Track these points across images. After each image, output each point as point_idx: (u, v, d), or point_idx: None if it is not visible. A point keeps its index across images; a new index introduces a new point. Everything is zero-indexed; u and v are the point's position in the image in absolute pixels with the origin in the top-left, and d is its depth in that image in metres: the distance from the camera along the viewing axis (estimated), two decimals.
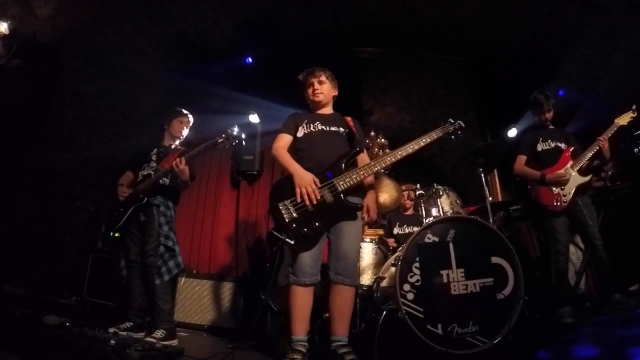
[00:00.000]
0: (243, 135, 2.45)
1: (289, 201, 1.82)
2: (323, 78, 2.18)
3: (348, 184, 1.85)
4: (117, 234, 2.59)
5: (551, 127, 2.98)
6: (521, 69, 4.42)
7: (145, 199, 2.46)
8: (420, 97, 5.17)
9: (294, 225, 1.78)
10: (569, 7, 3.67)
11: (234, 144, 2.44)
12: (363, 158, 2.07)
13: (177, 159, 2.37)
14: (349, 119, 2.17)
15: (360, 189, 1.99)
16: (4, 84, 2.79)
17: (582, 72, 4.13)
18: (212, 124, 4.30)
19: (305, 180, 1.83)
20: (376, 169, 1.92)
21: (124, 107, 4.07)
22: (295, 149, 2.07)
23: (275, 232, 1.81)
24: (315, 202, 1.80)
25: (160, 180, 2.50)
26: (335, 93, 2.25)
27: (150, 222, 2.45)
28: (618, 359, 1.52)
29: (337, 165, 1.91)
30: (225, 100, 4.29)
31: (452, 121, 2.19)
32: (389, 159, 1.94)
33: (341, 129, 2.11)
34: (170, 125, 2.79)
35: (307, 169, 1.91)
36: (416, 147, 2.00)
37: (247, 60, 4.15)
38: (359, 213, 1.93)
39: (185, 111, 2.85)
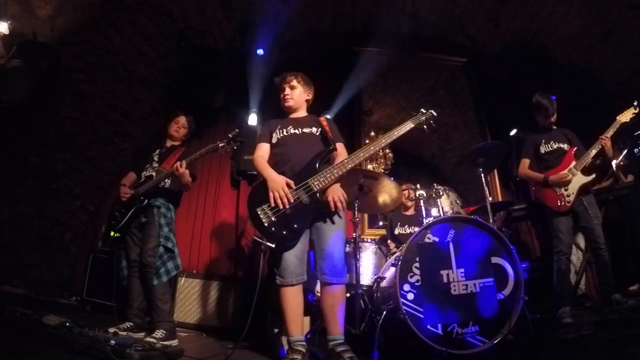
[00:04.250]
0: (243, 139, 2.46)
1: (266, 205, 1.83)
2: (294, 83, 2.19)
3: (323, 183, 1.86)
4: (117, 234, 2.59)
5: (554, 127, 2.98)
6: (521, 69, 4.42)
7: (146, 201, 2.46)
8: (420, 97, 5.16)
9: (273, 228, 1.79)
10: (569, 7, 3.67)
11: (235, 148, 2.46)
12: (340, 154, 2.04)
13: (178, 163, 2.38)
14: (322, 118, 2.18)
15: None
16: (4, 84, 2.78)
17: (582, 72, 4.13)
18: (213, 124, 4.34)
19: (277, 183, 1.85)
20: (350, 166, 1.91)
21: (124, 107, 4.07)
22: (272, 155, 2.11)
23: (257, 238, 1.82)
24: (288, 205, 1.81)
25: (161, 183, 2.51)
26: (309, 97, 2.26)
27: (150, 222, 2.45)
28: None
29: (311, 165, 1.92)
30: (226, 101, 4.30)
31: (424, 111, 2.19)
32: (362, 154, 1.96)
33: (314, 129, 2.11)
34: (168, 126, 2.82)
35: (282, 172, 1.94)
36: (389, 141, 2.03)
37: (257, 52, 4.16)
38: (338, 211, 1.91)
39: (180, 113, 2.86)
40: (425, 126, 2.17)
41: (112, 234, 2.59)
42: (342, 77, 4.38)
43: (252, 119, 4.12)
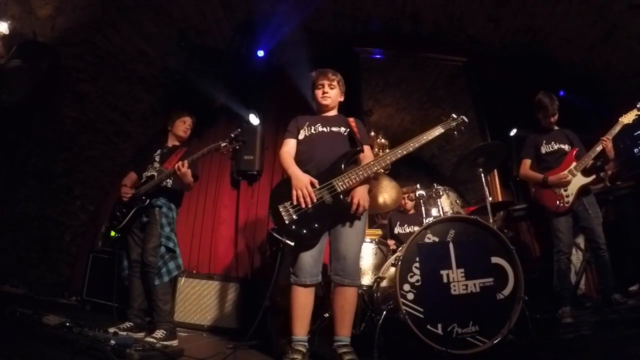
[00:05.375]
0: (245, 139, 2.45)
1: (288, 203, 1.82)
2: (335, 83, 2.17)
3: (347, 184, 1.84)
4: (118, 234, 2.59)
5: (555, 127, 2.98)
6: (521, 69, 4.42)
7: (148, 200, 2.46)
8: (420, 97, 5.17)
9: (294, 226, 1.78)
10: (569, 7, 3.67)
11: (237, 147, 2.45)
12: (366, 157, 2.02)
13: (179, 162, 2.38)
14: (351, 119, 2.15)
15: None
16: (4, 84, 2.78)
17: (582, 72, 4.14)
18: (213, 124, 4.34)
19: (301, 182, 1.83)
20: (376, 168, 1.89)
21: (124, 107, 4.07)
22: (298, 152, 2.08)
23: (275, 234, 1.80)
24: (310, 204, 1.79)
25: (163, 182, 2.50)
26: (342, 99, 2.24)
27: (152, 222, 2.45)
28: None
29: (336, 165, 1.90)
30: (226, 101, 4.30)
31: (455, 116, 2.16)
32: (389, 157, 1.92)
33: (342, 129, 2.09)
34: (173, 126, 2.80)
35: (306, 171, 1.92)
36: (417, 145, 1.96)
37: (257, 54, 4.17)
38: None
39: (186, 113, 2.85)
40: (455, 132, 2.14)
41: (113, 234, 2.59)
42: (342, 77, 4.37)
43: (252, 119, 4.12)
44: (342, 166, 1.89)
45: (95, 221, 4.15)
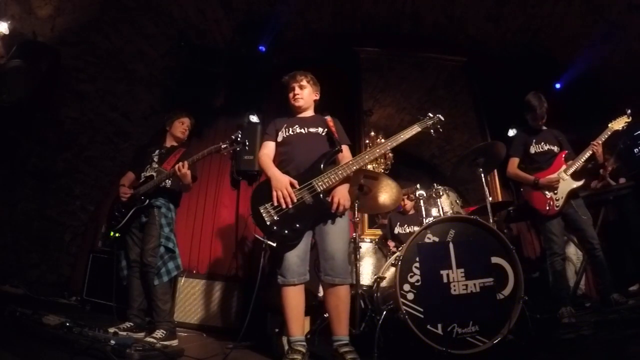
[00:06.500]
0: (246, 141, 2.46)
1: (269, 204, 1.84)
2: (304, 82, 2.20)
3: (327, 184, 1.86)
4: (117, 234, 2.59)
5: (544, 128, 2.98)
6: (521, 69, 4.42)
7: (147, 200, 2.46)
8: (420, 97, 5.16)
9: (275, 227, 1.80)
10: (569, 7, 3.67)
11: (237, 149, 2.45)
12: (345, 157, 2.05)
13: (180, 163, 2.38)
14: (329, 119, 2.17)
15: None
16: (4, 84, 2.78)
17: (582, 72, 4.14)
18: (213, 124, 4.34)
19: (281, 183, 1.85)
20: (355, 167, 1.91)
21: (124, 107, 4.07)
22: (277, 154, 2.11)
23: (258, 236, 1.82)
24: (291, 205, 1.81)
25: (162, 183, 2.50)
26: (317, 97, 2.27)
27: (151, 222, 2.45)
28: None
29: (316, 166, 1.92)
30: (226, 100, 4.30)
31: (431, 115, 2.20)
32: (367, 156, 1.96)
33: (320, 130, 2.11)
34: (171, 126, 2.80)
35: (286, 172, 1.94)
36: (394, 144, 2.02)
37: (259, 49, 4.17)
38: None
39: (185, 114, 2.85)
40: (432, 130, 2.18)
41: (112, 234, 2.59)
42: (342, 77, 4.37)
43: (252, 119, 4.11)
44: (322, 166, 1.92)
45: (95, 221, 4.15)
